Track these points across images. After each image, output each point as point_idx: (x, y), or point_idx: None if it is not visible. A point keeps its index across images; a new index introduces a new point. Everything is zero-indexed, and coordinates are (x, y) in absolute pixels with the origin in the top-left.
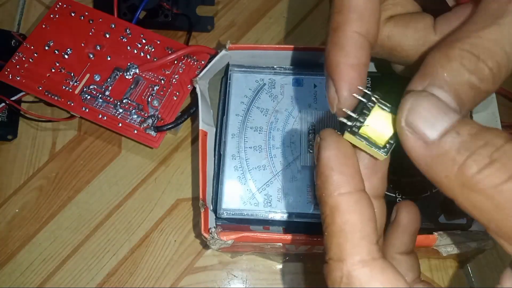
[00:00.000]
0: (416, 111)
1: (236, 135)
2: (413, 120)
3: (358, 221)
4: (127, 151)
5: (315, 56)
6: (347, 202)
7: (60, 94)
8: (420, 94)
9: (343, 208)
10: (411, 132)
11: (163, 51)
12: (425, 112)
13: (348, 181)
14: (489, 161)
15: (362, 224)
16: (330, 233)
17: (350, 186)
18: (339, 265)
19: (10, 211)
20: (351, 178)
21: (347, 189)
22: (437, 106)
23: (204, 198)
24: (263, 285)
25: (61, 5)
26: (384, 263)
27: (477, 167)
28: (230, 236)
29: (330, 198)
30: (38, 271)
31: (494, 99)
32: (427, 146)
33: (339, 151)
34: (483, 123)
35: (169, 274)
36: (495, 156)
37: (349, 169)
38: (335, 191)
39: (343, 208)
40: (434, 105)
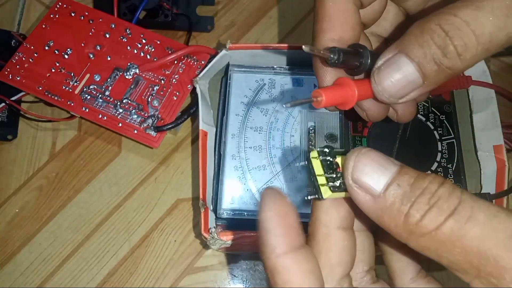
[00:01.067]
0: (359, 168)
1: (236, 135)
2: (358, 176)
3: (298, 279)
4: (127, 151)
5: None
6: (283, 262)
7: (60, 94)
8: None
9: (280, 269)
10: (358, 188)
11: (163, 51)
12: (367, 168)
13: (283, 241)
14: (428, 207)
15: (302, 281)
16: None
17: (286, 246)
18: None
19: (10, 211)
20: (286, 237)
21: (282, 249)
22: (377, 161)
23: (204, 198)
24: (263, 285)
25: (61, 5)
26: None
27: (419, 214)
28: (230, 236)
29: (268, 260)
30: (38, 271)
31: (494, 99)
32: (375, 199)
33: (275, 212)
34: (483, 123)
35: (169, 274)
36: (432, 202)
37: (284, 229)
38: (272, 253)
39: (281, 269)
40: (374, 161)
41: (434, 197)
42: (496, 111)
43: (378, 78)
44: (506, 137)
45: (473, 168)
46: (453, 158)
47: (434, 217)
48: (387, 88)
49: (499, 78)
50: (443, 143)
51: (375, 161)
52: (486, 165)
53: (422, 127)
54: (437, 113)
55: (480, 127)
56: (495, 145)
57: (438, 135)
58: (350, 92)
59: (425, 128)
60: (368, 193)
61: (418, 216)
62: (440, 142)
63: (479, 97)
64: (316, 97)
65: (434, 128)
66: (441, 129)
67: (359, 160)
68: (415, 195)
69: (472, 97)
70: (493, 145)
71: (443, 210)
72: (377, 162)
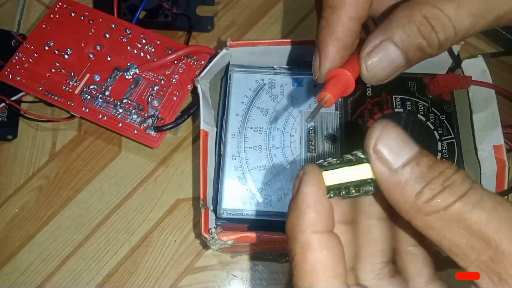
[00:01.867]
0: (383, 140)
1: (236, 135)
2: (380, 148)
3: (330, 261)
4: (127, 151)
5: None
6: (320, 240)
7: (60, 94)
8: (387, 123)
9: (315, 246)
10: (377, 158)
11: (163, 51)
12: (391, 142)
13: (322, 220)
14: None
15: (334, 264)
16: (301, 272)
17: (324, 226)
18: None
19: (10, 211)
20: (325, 218)
21: (320, 228)
22: (402, 138)
23: (205, 198)
24: (263, 285)
25: (61, 5)
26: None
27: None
28: (230, 236)
29: (302, 234)
30: (38, 271)
31: (494, 99)
32: (391, 172)
33: (319, 188)
34: (483, 123)
35: (169, 274)
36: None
37: (325, 209)
38: (309, 228)
39: (316, 246)
40: (398, 136)
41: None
42: (496, 111)
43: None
44: (506, 137)
45: (473, 168)
46: (453, 158)
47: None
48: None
49: (499, 78)
50: (443, 143)
51: (400, 137)
52: (486, 165)
53: (422, 127)
54: (437, 113)
55: (480, 127)
56: (495, 145)
57: (438, 135)
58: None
59: (425, 128)
60: (385, 165)
61: (429, 195)
62: (440, 142)
63: (479, 97)
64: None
65: (434, 128)
66: (441, 129)
67: (385, 132)
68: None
69: (472, 97)
70: (493, 145)
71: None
72: (401, 138)
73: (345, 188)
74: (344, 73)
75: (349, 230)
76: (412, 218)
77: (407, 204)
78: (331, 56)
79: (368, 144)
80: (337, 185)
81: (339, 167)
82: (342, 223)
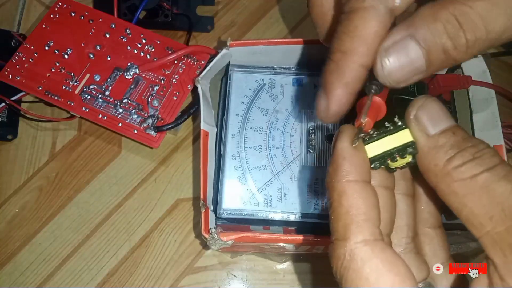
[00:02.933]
0: (425, 109)
1: (236, 135)
2: (420, 115)
3: (363, 206)
4: (127, 151)
5: (317, 50)
6: (354, 188)
7: (60, 94)
8: (430, 97)
9: (350, 193)
10: (416, 124)
11: (163, 51)
12: (432, 111)
13: (356, 170)
14: (472, 158)
15: (366, 209)
16: (337, 215)
17: (358, 175)
18: (343, 243)
19: (10, 211)
20: (359, 169)
21: (355, 177)
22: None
23: (205, 198)
24: (263, 285)
25: (61, 5)
26: (385, 244)
27: (462, 160)
28: (230, 237)
29: (339, 183)
30: (38, 271)
31: (494, 99)
32: (427, 138)
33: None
34: (483, 123)
35: (169, 274)
36: (477, 155)
37: (359, 161)
38: (344, 177)
39: (350, 193)
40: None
41: (479, 153)
42: (496, 111)
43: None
44: (506, 137)
45: None
46: None
47: (474, 167)
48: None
49: (499, 78)
50: None
51: (441, 108)
52: None
53: None
54: None
55: (480, 127)
56: (495, 145)
57: None
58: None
59: None
60: (423, 131)
61: (461, 161)
62: None
63: (479, 97)
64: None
65: None
66: None
67: (428, 102)
68: (465, 145)
69: (472, 97)
70: (493, 145)
71: (484, 164)
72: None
73: (389, 155)
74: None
75: (388, 195)
76: (439, 182)
77: (437, 168)
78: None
79: (409, 111)
80: (381, 155)
81: (379, 137)
82: (382, 187)
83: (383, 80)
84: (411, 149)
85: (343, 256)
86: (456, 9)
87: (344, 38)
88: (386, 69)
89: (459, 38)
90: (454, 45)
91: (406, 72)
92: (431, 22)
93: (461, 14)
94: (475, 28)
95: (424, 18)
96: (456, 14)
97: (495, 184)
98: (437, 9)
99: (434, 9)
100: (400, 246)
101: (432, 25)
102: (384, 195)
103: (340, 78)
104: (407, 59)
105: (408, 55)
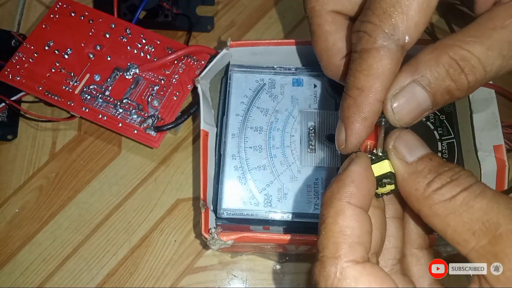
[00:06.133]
0: (401, 139)
1: (236, 135)
2: (397, 145)
3: (358, 230)
4: (127, 151)
5: None
6: (354, 211)
7: (60, 94)
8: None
9: (348, 214)
10: (395, 154)
11: (163, 51)
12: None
13: (361, 196)
14: (450, 180)
15: (361, 233)
16: (329, 232)
17: (361, 202)
18: (334, 261)
19: (10, 211)
20: (364, 196)
21: (356, 202)
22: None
23: (205, 198)
24: (263, 285)
25: (61, 5)
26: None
27: (441, 183)
28: (230, 237)
29: (339, 202)
30: (38, 271)
31: (494, 99)
32: (406, 165)
33: (366, 172)
34: (483, 123)
35: (169, 274)
36: (454, 177)
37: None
38: (346, 198)
39: (348, 214)
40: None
41: (456, 175)
42: (496, 111)
43: (395, 108)
44: (506, 137)
45: (473, 168)
46: (453, 158)
47: (452, 188)
48: (403, 117)
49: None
50: (443, 143)
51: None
52: (486, 165)
53: (422, 127)
54: (437, 113)
55: (480, 127)
56: (495, 145)
57: (438, 135)
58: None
59: (425, 128)
60: (402, 159)
61: (439, 185)
62: (440, 142)
63: (479, 97)
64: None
65: (434, 128)
66: (441, 129)
67: (404, 133)
68: (442, 169)
69: (472, 97)
70: (493, 145)
71: (460, 184)
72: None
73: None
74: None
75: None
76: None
77: (418, 192)
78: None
79: (387, 142)
80: None
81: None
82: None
83: (394, 123)
84: (388, 180)
85: (333, 274)
86: (456, 54)
87: (359, 76)
88: (396, 114)
89: (461, 80)
90: (457, 86)
91: (414, 114)
92: (434, 66)
93: (461, 59)
94: (475, 70)
95: (426, 62)
96: (456, 58)
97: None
98: (438, 54)
99: (435, 54)
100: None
101: (435, 69)
102: (375, 214)
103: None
104: (414, 102)
105: (415, 98)
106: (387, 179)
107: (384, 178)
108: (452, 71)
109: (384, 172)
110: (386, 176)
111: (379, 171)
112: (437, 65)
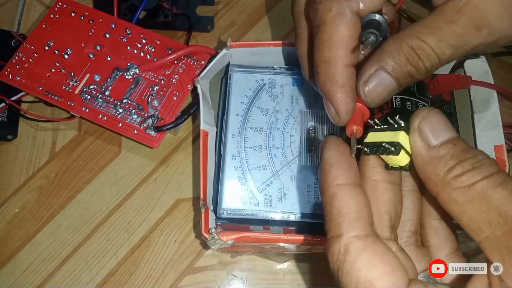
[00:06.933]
0: (428, 120)
1: (236, 135)
2: (423, 126)
3: (353, 205)
4: (127, 151)
5: None
6: (344, 190)
7: (60, 94)
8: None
9: (340, 195)
10: (419, 135)
11: (163, 51)
12: (434, 123)
13: (344, 174)
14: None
15: (357, 207)
16: (330, 216)
17: (346, 179)
18: (337, 239)
19: (10, 211)
20: (346, 173)
21: (343, 181)
22: (444, 122)
23: (205, 198)
24: (263, 285)
25: (61, 5)
26: (377, 238)
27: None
28: (230, 236)
29: (329, 188)
30: (38, 271)
31: (495, 99)
32: (429, 148)
33: (338, 151)
34: (484, 123)
35: (169, 274)
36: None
37: (345, 165)
38: (333, 182)
39: (340, 195)
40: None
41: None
42: (497, 111)
43: (367, 92)
44: (507, 137)
45: None
46: None
47: (472, 176)
48: (374, 99)
49: (499, 78)
50: None
51: (443, 120)
52: None
53: None
54: None
55: (481, 127)
56: (496, 145)
57: None
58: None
59: None
60: (425, 141)
61: (459, 171)
62: None
63: (480, 97)
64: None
65: None
66: None
67: (431, 114)
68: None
69: (473, 97)
70: (494, 145)
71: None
72: (444, 122)
73: (378, 146)
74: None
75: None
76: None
77: (437, 177)
78: (343, 101)
79: (413, 121)
80: (372, 143)
81: (381, 130)
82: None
83: (368, 105)
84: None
85: (338, 250)
86: (414, 43)
87: (323, 49)
88: (368, 97)
89: (419, 65)
90: (417, 70)
91: (384, 95)
92: (396, 55)
93: (418, 48)
94: (430, 58)
95: (389, 52)
96: (414, 47)
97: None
98: (398, 44)
99: (397, 44)
100: (401, 239)
101: (397, 57)
102: (389, 189)
103: (334, 83)
104: (382, 86)
105: (382, 83)
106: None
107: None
108: (411, 58)
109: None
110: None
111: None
112: (398, 54)
